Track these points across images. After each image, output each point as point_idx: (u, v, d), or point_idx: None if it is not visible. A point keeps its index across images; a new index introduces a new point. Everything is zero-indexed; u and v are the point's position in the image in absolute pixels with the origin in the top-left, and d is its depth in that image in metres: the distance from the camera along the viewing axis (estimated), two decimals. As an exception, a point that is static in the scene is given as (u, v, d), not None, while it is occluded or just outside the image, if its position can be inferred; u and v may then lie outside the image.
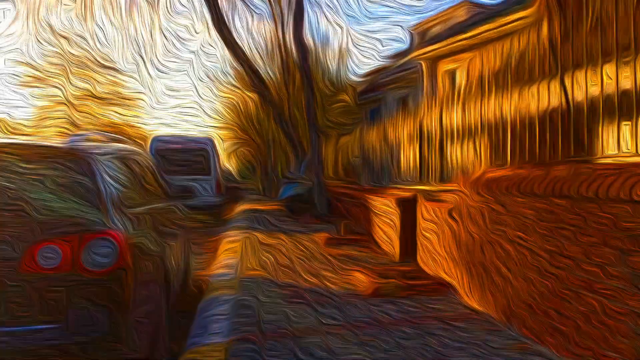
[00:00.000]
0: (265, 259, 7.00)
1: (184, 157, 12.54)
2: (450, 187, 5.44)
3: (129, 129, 34.86)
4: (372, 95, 23.72)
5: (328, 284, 5.50)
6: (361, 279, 5.35)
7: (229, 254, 7.63)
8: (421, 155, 6.86)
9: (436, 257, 5.39)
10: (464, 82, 16.25)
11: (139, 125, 36.01)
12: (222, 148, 34.37)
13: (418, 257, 5.99)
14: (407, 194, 7.24)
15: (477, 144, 5.40)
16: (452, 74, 17.42)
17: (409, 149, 7.84)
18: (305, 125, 17.24)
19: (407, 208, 6.76)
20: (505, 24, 14.43)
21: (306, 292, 5.10)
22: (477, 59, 14.73)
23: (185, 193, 5.88)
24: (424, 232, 5.84)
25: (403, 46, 24.97)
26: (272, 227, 10.45)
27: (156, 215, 4.63)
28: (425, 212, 5.81)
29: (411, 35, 21.82)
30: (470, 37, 15.78)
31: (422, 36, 20.82)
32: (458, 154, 5.73)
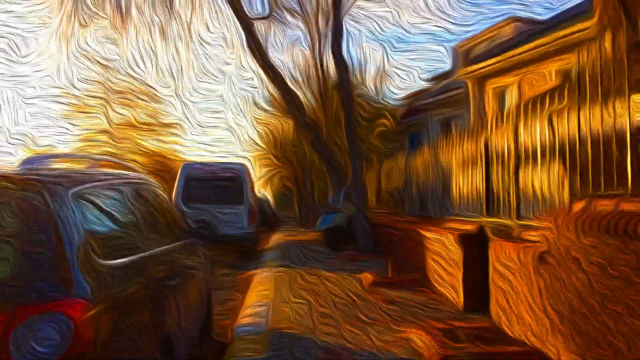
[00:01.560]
0: (301, 304, 5.86)
1: (216, 184, 11.62)
2: (537, 224, 4.22)
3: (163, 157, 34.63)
4: (414, 119, 22.56)
5: (379, 343, 4.31)
6: (422, 340, 4.15)
7: (259, 298, 6.52)
8: (488, 181, 5.65)
9: (520, 313, 4.14)
10: (515, 101, 14.82)
11: (175, 153, 35.72)
12: (257, 175, 33.66)
13: (492, 311, 4.74)
14: (468, 228, 6.01)
15: (561, 168, 4.19)
16: (501, 93, 16.14)
17: (468, 174, 6.63)
18: (345, 149, 16.15)
19: (473, 246, 5.53)
20: (562, 37, 13.17)
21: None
22: (532, 75, 13.24)
23: (204, 228, 4.84)
24: (499, 279, 4.61)
25: (445, 67, 23.77)
26: (308, 263, 9.30)
27: (165, 259, 3.59)
28: (500, 253, 4.59)
29: (454, 54, 20.65)
30: (521, 54, 14.54)
31: (466, 55, 19.62)
32: (540, 180, 4.51)
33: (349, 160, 12.68)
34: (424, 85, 25.59)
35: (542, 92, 4.39)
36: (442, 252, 6.19)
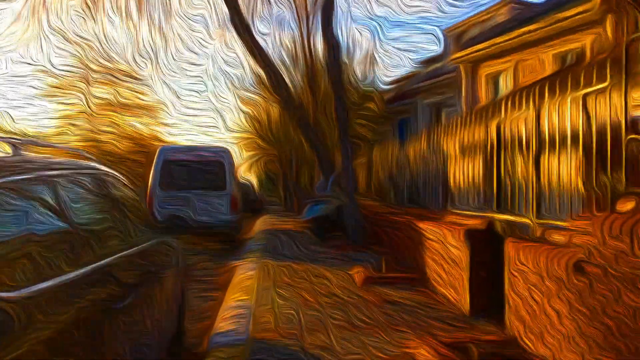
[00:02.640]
0: (286, 305, 5.20)
1: (196, 169, 10.86)
2: (567, 224, 3.58)
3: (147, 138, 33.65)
4: (402, 104, 21.89)
5: (378, 354, 3.67)
6: (427, 354, 3.52)
7: (239, 296, 5.85)
8: (498, 172, 5.00)
9: (545, 328, 3.52)
10: (509, 86, 14.11)
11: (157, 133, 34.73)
12: (242, 158, 32.78)
13: (507, 320, 4.12)
14: (472, 223, 5.39)
15: (596, 159, 3.56)
16: (495, 78, 15.52)
17: (472, 163, 5.99)
18: (333, 133, 15.40)
19: (481, 243, 4.91)
20: (562, 19, 12.54)
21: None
22: (529, 60, 12.51)
23: (174, 224, 4.15)
24: (517, 284, 3.98)
25: (436, 51, 23.07)
26: (294, 256, 8.64)
27: (121, 268, 2.88)
28: (518, 255, 3.96)
29: (446, 37, 19.95)
30: (516, 37, 13.88)
31: (458, 39, 18.94)
32: (568, 173, 3.87)
33: (338, 145, 12.02)
34: (413, 69, 24.92)
35: (575, 68, 3.73)
36: (443, 248, 5.56)
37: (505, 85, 15.15)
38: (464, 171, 6.25)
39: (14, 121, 34.78)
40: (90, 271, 2.40)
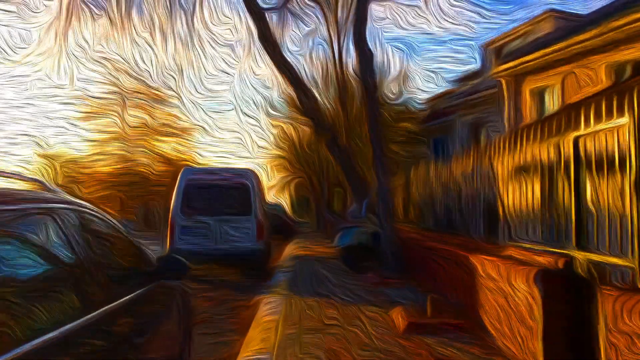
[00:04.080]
0: (312, 355, 4.23)
1: (220, 192, 10.04)
2: None
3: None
4: (439, 122, 20.83)
5: None
6: None
7: (260, 345, 4.89)
8: (577, 196, 3.95)
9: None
10: (557, 101, 12.85)
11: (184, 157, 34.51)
12: (272, 180, 32.07)
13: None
14: (543, 261, 4.33)
15: None
16: (540, 93, 14.35)
17: (532, 185, 4.95)
18: (366, 155, 14.45)
19: (558, 289, 3.86)
20: (615, 29, 11.39)
21: None
22: (578, 73, 11.24)
23: (172, 265, 3.26)
24: (623, 351, 2.92)
25: (473, 67, 21.98)
26: (325, 290, 7.65)
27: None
28: (622, 311, 2.91)
29: (483, 52, 18.89)
30: (564, 49, 12.73)
31: (497, 53, 17.86)
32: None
33: (372, 168, 11.09)
34: (448, 87, 23.85)
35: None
36: (505, 290, 4.50)
37: (552, 100, 13.98)
38: (523, 195, 5.20)
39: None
40: (77, 327, 2.00)
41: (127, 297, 2.66)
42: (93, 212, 2.81)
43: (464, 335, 4.91)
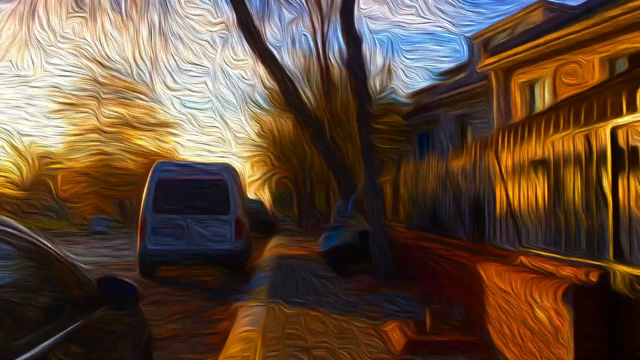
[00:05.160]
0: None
1: (195, 189, 9.25)
2: None
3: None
4: (423, 117, 20.23)
5: None
6: None
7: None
8: (614, 198, 3.29)
9: None
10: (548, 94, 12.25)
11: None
12: (252, 176, 31.22)
13: None
14: (568, 273, 3.68)
15: None
16: (530, 87, 13.79)
17: (545, 183, 4.30)
18: (352, 149, 13.79)
19: (593, 307, 3.20)
20: (610, 19, 10.85)
21: None
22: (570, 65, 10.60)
23: (117, 296, 2.51)
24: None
25: (459, 61, 21.40)
26: (308, 297, 6.93)
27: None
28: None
29: (470, 45, 18.31)
30: (556, 40, 12.16)
31: (485, 45, 17.29)
32: None
33: (358, 163, 10.43)
34: (433, 81, 23.26)
35: None
36: (522, 305, 3.84)
37: (542, 93, 13.43)
38: (539, 194, 4.54)
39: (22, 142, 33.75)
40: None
41: (56, 336, 1.93)
42: (9, 229, 2.06)
43: (471, 356, 4.23)
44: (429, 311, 4.82)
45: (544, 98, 13.34)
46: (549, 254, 4.10)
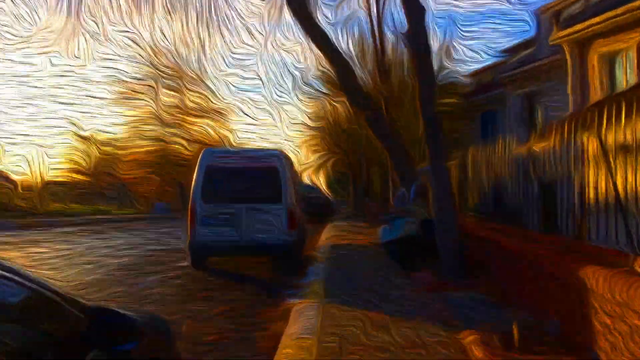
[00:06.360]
0: None
1: (246, 177, 8.66)
2: None
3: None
4: (487, 96, 18.94)
5: None
6: None
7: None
8: None
9: None
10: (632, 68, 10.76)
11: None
12: (307, 161, 30.61)
13: None
14: None
15: None
16: (610, 60, 12.35)
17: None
18: (412, 132, 12.89)
19: None
20: None
21: None
22: None
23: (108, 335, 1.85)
24: None
25: (523, 36, 19.84)
26: (368, 295, 6.19)
27: None
28: None
29: (539, 19, 16.81)
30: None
31: (555, 18, 15.78)
32: None
33: (418, 146, 9.54)
34: (496, 59, 21.75)
35: None
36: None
37: (625, 67, 11.99)
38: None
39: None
40: None
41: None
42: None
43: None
44: (515, 325, 3.97)
45: (626, 72, 11.91)
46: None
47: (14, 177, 33.11)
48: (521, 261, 5.11)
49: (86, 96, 50.82)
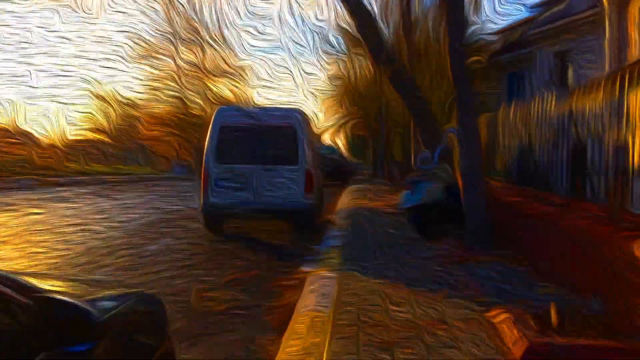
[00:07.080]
0: None
1: (261, 137, 8.24)
2: None
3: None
4: (515, 54, 17.99)
5: None
6: None
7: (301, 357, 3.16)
8: None
9: None
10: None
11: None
12: (325, 122, 30.00)
13: None
14: None
15: None
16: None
17: None
18: (438, 92, 12.26)
19: None
20: None
21: None
22: None
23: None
24: None
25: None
26: (388, 264, 5.80)
27: None
28: None
29: (573, -30, 15.68)
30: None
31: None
32: None
33: (442, 107, 8.97)
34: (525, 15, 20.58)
35: None
36: None
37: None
38: None
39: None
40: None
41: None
42: None
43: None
44: (553, 306, 3.53)
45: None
46: None
47: (36, 135, 33.29)
48: (557, 232, 4.63)
49: (103, 57, 50.36)
